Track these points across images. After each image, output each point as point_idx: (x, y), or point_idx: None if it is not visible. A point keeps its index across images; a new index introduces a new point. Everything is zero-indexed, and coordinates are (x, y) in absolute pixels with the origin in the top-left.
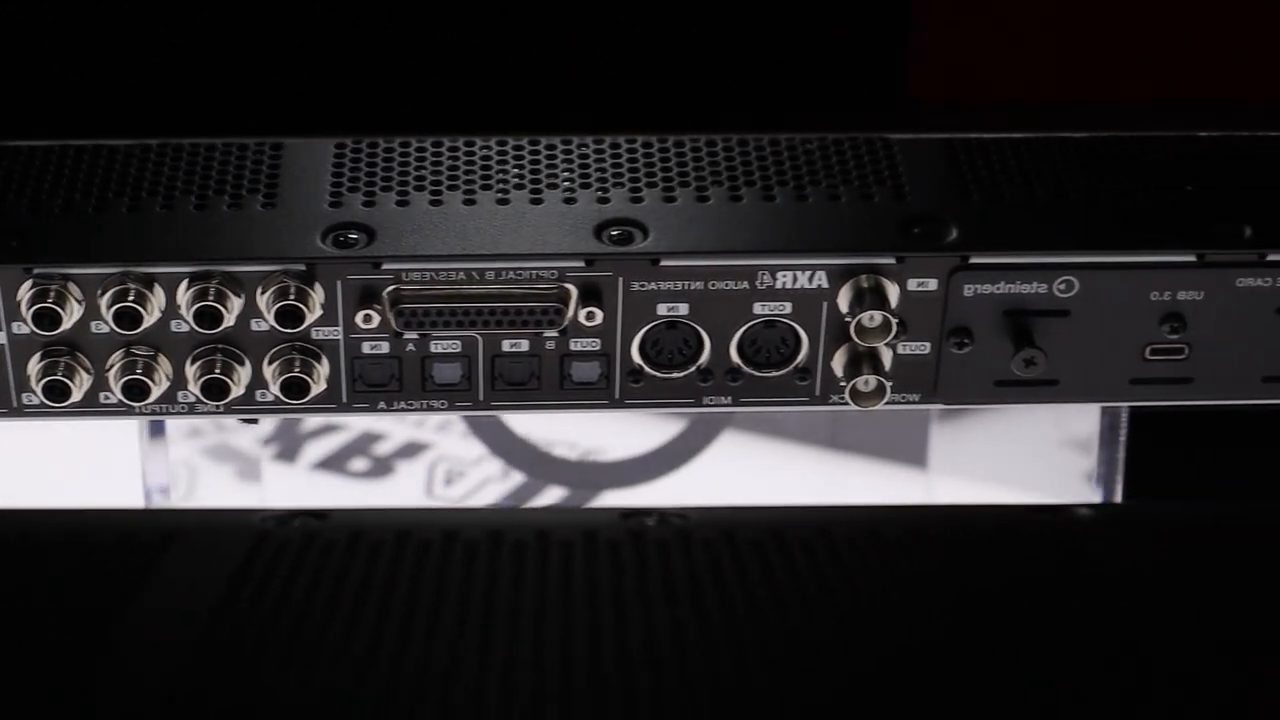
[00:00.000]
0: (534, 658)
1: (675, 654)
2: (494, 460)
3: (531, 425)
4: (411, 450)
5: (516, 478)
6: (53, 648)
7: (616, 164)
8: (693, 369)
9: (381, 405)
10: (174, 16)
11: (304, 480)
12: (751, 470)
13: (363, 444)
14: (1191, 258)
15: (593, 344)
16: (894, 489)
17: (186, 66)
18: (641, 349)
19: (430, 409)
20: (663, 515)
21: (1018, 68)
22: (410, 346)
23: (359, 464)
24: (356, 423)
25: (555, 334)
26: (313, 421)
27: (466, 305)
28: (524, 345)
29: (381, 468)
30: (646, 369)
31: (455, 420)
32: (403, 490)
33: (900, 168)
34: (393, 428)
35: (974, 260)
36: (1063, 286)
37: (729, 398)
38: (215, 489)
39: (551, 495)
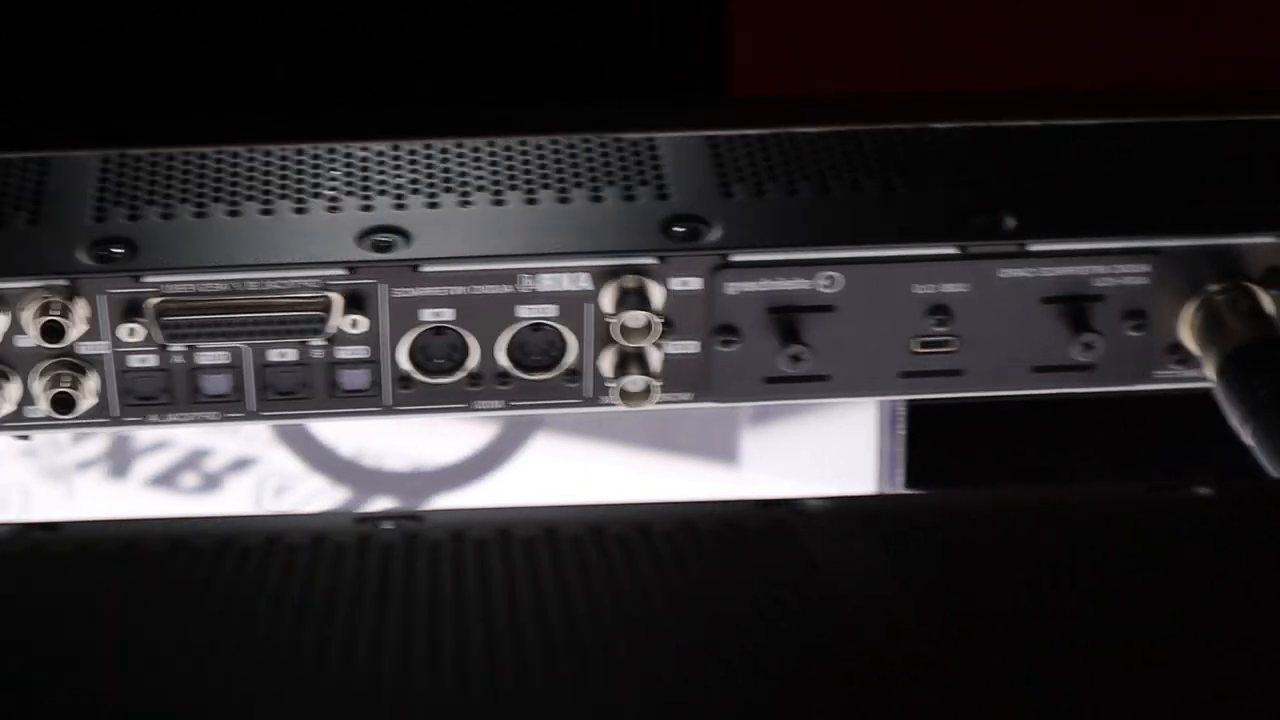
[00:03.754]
0: (232, 659)
1: (372, 654)
2: (322, 473)
3: (361, 438)
4: (241, 465)
5: (344, 490)
6: None
7: (381, 171)
8: (462, 374)
9: (153, 418)
10: None
11: (135, 497)
12: (568, 471)
13: (193, 460)
14: (953, 250)
15: (360, 351)
16: (709, 486)
17: None
18: (410, 355)
19: (202, 420)
20: (398, 518)
21: (794, 64)
22: (177, 359)
23: (189, 480)
24: (187, 439)
25: (321, 342)
26: (144, 439)
27: (230, 316)
28: (291, 354)
29: (211, 483)
30: (416, 375)
31: (285, 435)
32: (232, 504)
33: (664, 168)
34: (223, 443)
35: (735, 258)
36: (826, 282)
37: (500, 401)
38: (47, 509)
39: (379, 505)
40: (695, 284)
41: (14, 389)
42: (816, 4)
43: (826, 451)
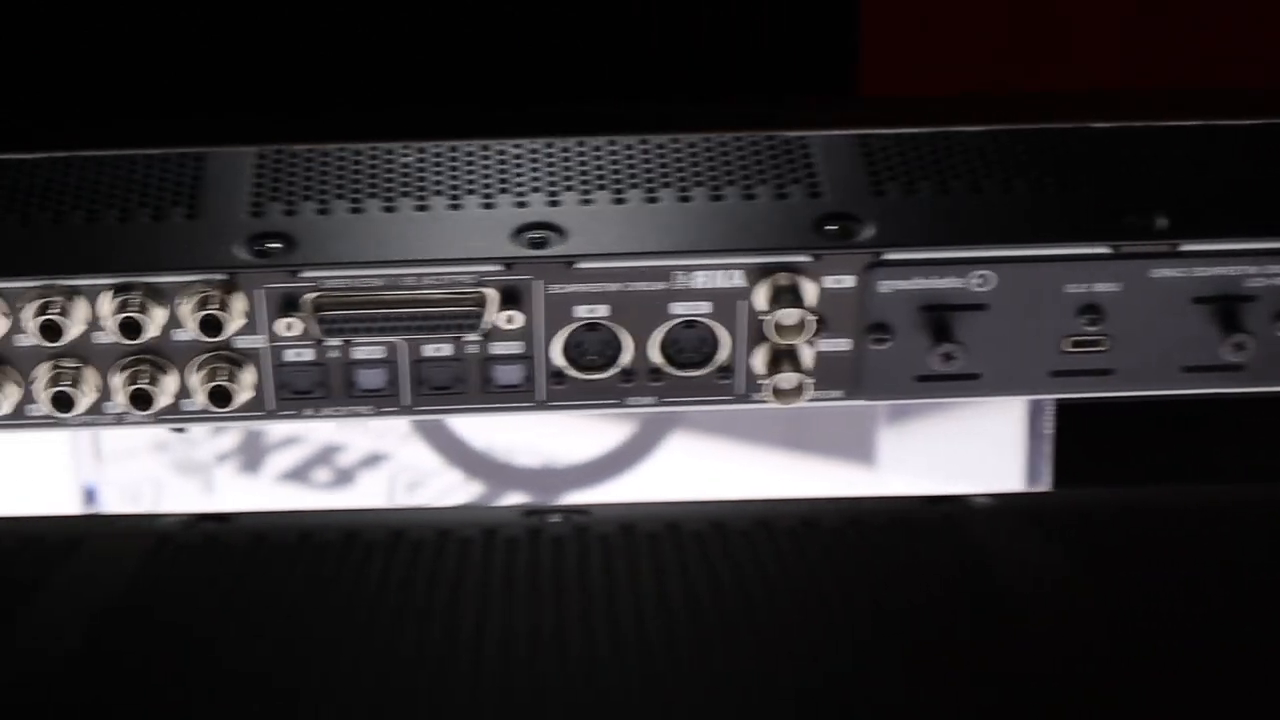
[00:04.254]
0: (417, 653)
1: (555, 646)
2: (455, 468)
3: (492, 434)
4: (373, 461)
5: (477, 485)
6: None
7: (534, 167)
8: (615, 370)
9: (308, 412)
10: (94, 31)
11: (267, 491)
12: (704, 470)
13: (325, 455)
14: (1106, 249)
15: (514, 347)
16: (844, 484)
17: (107, 77)
18: (563, 351)
19: (356, 414)
20: (566, 512)
21: (938, 62)
22: (333, 353)
23: (322, 475)
24: (318, 434)
25: (476, 338)
26: (276, 434)
27: (387, 311)
28: (446, 349)
29: (344, 478)
30: (569, 371)
31: (416, 430)
32: (364, 499)
33: (816, 166)
34: (355, 439)
35: (888, 256)
36: (979, 280)
37: (652, 397)
38: (179, 502)
39: (511, 501)
40: (848, 282)
41: (171, 382)
42: (947, 2)
43: (961, 449)
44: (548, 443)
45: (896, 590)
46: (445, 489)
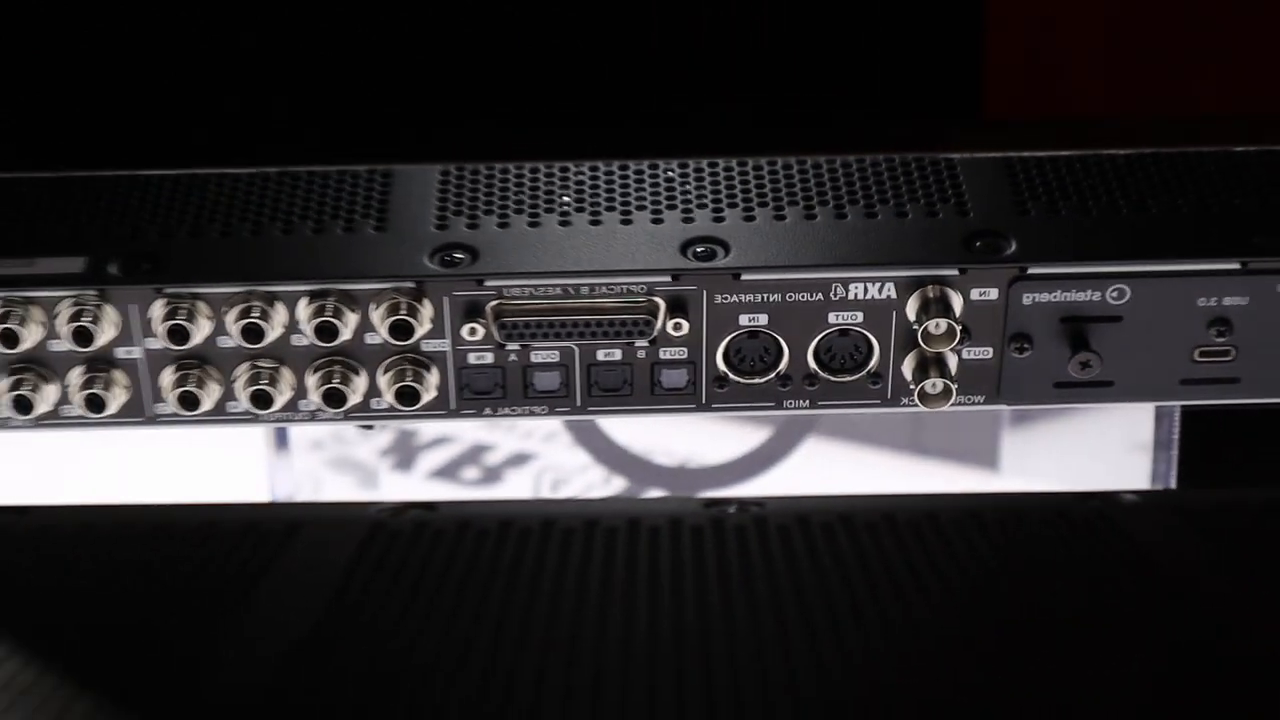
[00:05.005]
0: (623, 633)
1: (750, 626)
2: (597, 467)
3: (630, 435)
4: (520, 460)
5: (618, 483)
6: (183, 627)
7: (700, 186)
8: (773, 375)
9: (487, 411)
10: (289, 58)
11: (419, 487)
12: (835, 473)
13: (474, 454)
14: (1235, 265)
15: (680, 353)
16: (968, 487)
17: (303, 102)
18: (725, 357)
19: (532, 414)
20: (742, 503)
21: (1076, 86)
22: (513, 357)
23: (470, 472)
24: (467, 435)
25: (646, 344)
26: (426, 434)
27: (564, 318)
28: (617, 354)
29: (492, 475)
30: (730, 375)
31: (560, 431)
32: (512, 496)
33: (964, 186)
34: (502, 439)
35: (1032, 271)
36: (1115, 294)
37: (807, 401)
38: (337, 496)
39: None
40: (993, 294)
41: (361, 382)
42: (1072, 26)
43: (1093, 452)
44: (681, 443)
45: (1069, 579)
46: (588, 486)
